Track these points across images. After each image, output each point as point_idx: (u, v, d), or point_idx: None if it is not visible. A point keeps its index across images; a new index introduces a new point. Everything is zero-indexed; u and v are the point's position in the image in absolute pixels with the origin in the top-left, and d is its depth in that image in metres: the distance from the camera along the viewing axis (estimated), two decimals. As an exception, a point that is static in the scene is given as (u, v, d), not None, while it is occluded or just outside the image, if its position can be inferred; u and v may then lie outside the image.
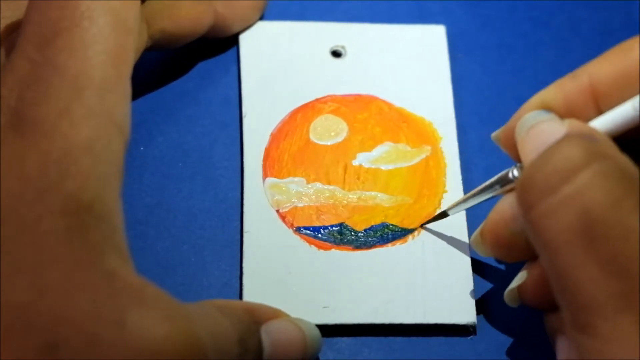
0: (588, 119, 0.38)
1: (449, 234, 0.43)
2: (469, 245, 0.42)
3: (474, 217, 0.44)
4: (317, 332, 0.39)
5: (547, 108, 0.39)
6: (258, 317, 0.38)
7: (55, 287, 0.32)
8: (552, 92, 0.39)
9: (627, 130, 0.38)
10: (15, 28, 0.38)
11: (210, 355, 0.33)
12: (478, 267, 0.43)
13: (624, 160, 0.35)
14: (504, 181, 0.40)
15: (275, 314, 0.39)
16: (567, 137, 0.35)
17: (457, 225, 0.44)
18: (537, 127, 0.38)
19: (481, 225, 0.40)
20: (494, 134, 0.41)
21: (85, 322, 0.31)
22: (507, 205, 0.39)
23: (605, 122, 0.38)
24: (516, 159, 0.40)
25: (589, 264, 0.33)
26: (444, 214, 0.43)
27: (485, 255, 0.41)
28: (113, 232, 0.34)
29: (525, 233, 0.37)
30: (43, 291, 0.32)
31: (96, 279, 0.32)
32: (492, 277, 0.43)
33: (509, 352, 0.41)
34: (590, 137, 0.35)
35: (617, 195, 0.33)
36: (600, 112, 0.38)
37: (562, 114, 0.38)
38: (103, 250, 0.33)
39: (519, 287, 0.40)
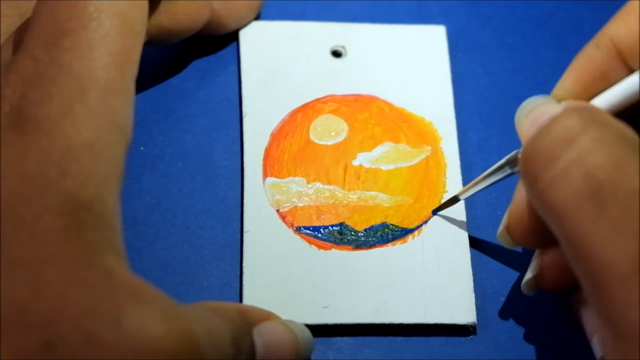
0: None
1: (449, 234, 0.43)
2: (499, 237, 0.42)
3: (474, 217, 0.44)
4: (308, 333, 0.39)
5: (582, 82, 0.39)
6: (250, 318, 0.38)
7: (53, 284, 0.32)
8: (582, 65, 0.39)
9: (631, 105, 0.38)
10: (22, 27, 0.38)
11: (207, 353, 0.33)
12: (478, 267, 0.43)
13: (621, 125, 0.35)
14: (514, 162, 0.39)
15: (267, 316, 0.39)
16: (563, 111, 0.36)
17: (457, 225, 0.44)
18: (535, 110, 0.38)
19: (505, 219, 0.40)
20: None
21: (82, 320, 0.31)
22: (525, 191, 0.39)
23: (607, 99, 0.38)
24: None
25: (600, 226, 0.33)
26: (455, 199, 0.43)
27: (514, 247, 0.41)
28: (111, 232, 0.34)
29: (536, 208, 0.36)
30: (41, 289, 0.32)
31: (94, 277, 0.32)
32: (492, 277, 0.43)
33: (509, 352, 0.41)
34: (585, 108, 0.36)
35: (618, 157, 0.34)
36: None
37: (597, 84, 0.39)
38: (101, 249, 0.33)
39: (535, 277, 0.40)
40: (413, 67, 0.48)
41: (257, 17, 0.49)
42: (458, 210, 0.44)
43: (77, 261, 0.32)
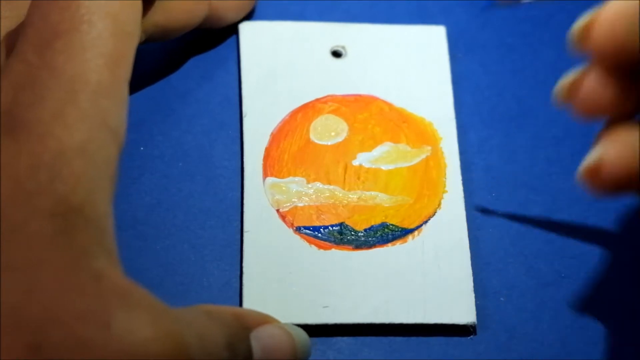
0: None
1: (449, 234, 0.43)
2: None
3: (474, 217, 0.44)
4: (306, 337, 0.39)
5: None
6: (247, 322, 0.38)
7: (43, 288, 0.32)
8: None
9: None
10: (15, 30, 0.38)
11: (197, 357, 0.33)
12: (478, 267, 0.43)
13: None
14: None
15: (264, 319, 0.39)
16: None
17: (457, 225, 0.44)
18: None
19: (589, 17, 0.34)
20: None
21: (71, 323, 0.31)
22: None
23: None
24: None
25: None
26: None
27: (582, 53, 0.35)
28: (102, 235, 0.34)
29: None
30: (30, 292, 0.32)
31: (83, 280, 0.32)
32: (492, 277, 0.43)
33: (509, 352, 0.41)
34: None
35: None
36: None
37: None
38: (91, 252, 0.33)
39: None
40: (413, 67, 0.48)
41: (257, 17, 0.49)
42: (458, 210, 0.44)
43: (67, 264, 0.32)
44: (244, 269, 0.42)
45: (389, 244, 0.43)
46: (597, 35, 0.33)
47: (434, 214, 0.44)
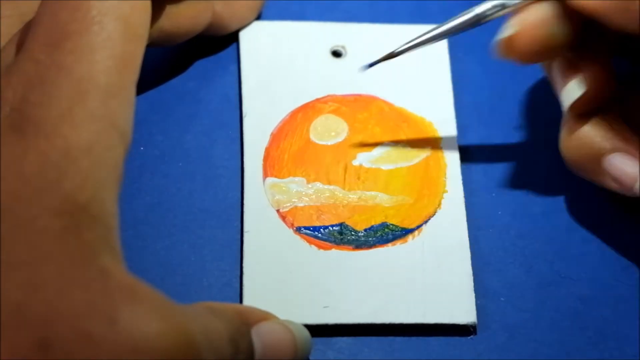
0: None
1: (449, 233, 0.43)
2: (501, 46, 0.41)
3: (474, 217, 0.44)
4: (306, 333, 0.39)
5: None
6: (248, 319, 0.38)
7: (49, 284, 0.32)
8: None
9: None
10: (24, 28, 0.38)
11: (204, 352, 0.33)
12: (478, 267, 0.43)
13: None
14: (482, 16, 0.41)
15: (265, 316, 0.39)
16: None
17: (457, 225, 0.44)
18: None
19: (512, 28, 0.40)
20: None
21: (77, 319, 0.31)
22: (543, 9, 0.40)
23: None
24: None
25: None
26: (392, 55, 0.43)
27: (509, 58, 0.41)
28: (108, 233, 0.34)
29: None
30: (37, 289, 0.32)
31: (89, 276, 0.32)
32: (492, 277, 0.43)
33: (509, 352, 0.41)
34: None
35: None
36: None
37: None
38: (97, 249, 0.33)
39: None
40: (413, 67, 0.48)
41: (258, 17, 0.49)
42: (458, 210, 0.44)
43: (73, 261, 0.32)
44: (244, 269, 0.42)
45: (389, 244, 0.43)
46: (520, 46, 0.40)
47: (434, 214, 0.44)
